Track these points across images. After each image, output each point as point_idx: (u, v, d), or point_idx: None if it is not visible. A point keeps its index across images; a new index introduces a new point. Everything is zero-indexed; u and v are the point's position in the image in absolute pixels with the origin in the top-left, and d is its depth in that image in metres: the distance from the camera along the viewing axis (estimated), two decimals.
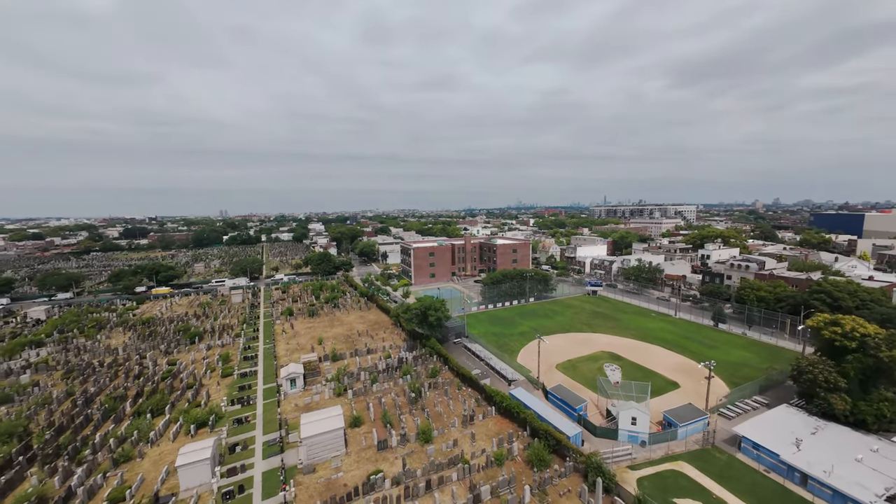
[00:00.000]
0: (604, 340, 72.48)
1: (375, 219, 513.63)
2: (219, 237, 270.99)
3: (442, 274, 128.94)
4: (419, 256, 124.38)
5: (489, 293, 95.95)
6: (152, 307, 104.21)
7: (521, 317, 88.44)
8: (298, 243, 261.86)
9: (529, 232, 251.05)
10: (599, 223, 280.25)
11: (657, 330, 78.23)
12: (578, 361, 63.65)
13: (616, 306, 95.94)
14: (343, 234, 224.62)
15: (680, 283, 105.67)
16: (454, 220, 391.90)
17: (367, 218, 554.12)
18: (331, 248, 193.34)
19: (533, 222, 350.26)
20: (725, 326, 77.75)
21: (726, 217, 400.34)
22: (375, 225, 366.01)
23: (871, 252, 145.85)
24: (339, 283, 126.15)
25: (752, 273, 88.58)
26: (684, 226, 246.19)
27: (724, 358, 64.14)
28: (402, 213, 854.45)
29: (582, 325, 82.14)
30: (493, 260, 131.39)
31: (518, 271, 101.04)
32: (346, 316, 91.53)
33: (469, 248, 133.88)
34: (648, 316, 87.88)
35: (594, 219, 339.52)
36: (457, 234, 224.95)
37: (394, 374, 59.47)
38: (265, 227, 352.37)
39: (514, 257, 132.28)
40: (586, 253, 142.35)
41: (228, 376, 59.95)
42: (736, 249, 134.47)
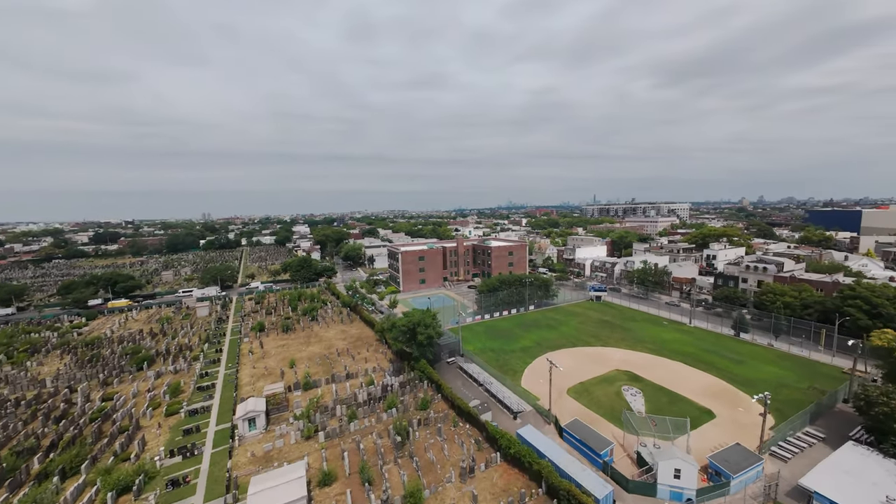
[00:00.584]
0: (617, 356, 63.93)
1: (364, 220, 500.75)
2: (195, 241, 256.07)
3: (433, 279, 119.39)
4: (408, 261, 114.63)
5: (485, 302, 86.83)
6: (104, 323, 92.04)
7: (521, 328, 79.49)
8: (281, 247, 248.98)
9: (523, 232, 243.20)
10: (594, 222, 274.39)
11: (673, 341, 70.16)
12: (592, 384, 54.84)
13: (623, 313, 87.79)
14: (328, 237, 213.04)
15: (689, 287, 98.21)
16: (445, 221, 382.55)
17: (355, 219, 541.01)
18: (314, 251, 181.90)
19: (525, 222, 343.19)
20: (748, 336, 70.09)
21: (717, 215, 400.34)
22: (363, 226, 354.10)
23: (875, 249, 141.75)
24: (319, 291, 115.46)
25: (770, 276, 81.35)
26: (680, 224, 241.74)
27: (755, 376, 56.22)
28: (391, 214, 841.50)
29: (589, 336, 73.58)
30: (488, 263, 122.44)
31: (516, 277, 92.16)
32: (325, 331, 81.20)
33: (462, 251, 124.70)
34: (660, 324, 79.91)
35: (588, 218, 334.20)
36: (448, 236, 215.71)
37: (376, 406, 49.73)
38: (246, 231, 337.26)
39: (509, 260, 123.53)
40: (586, 254, 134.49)
41: (175, 414, 49.34)
42: (742, 249, 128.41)
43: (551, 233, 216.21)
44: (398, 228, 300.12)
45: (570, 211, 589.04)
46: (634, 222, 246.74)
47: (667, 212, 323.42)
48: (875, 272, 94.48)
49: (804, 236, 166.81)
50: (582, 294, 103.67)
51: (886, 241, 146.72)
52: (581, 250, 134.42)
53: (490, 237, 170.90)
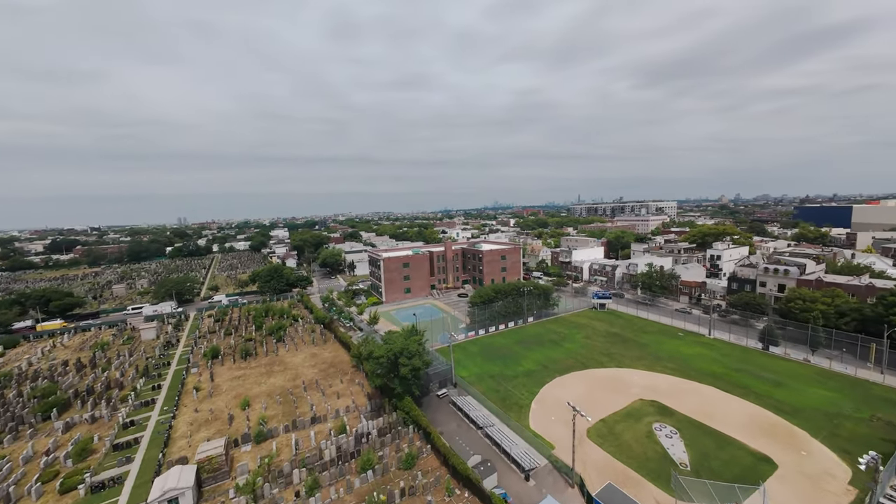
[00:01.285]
0: (637, 380, 54.21)
1: (347, 222, 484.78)
2: (161, 249, 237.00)
3: (419, 288, 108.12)
4: (391, 268, 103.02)
5: (479, 315, 76.22)
6: (27, 351, 77.14)
7: (521, 345, 69.15)
8: (256, 253, 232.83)
9: (513, 233, 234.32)
10: (584, 222, 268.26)
11: (696, 358, 61.10)
12: (616, 421, 44.76)
13: (633, 324, 78.62)
14: (305, 242, 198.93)
15: (699, 292, 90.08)
16: (431, 223, 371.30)
17: (338, 222, 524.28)
18: (290, 258, 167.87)
19: (514, 222, 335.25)
20: (779, 350, 61.60)
21: (702, 213, 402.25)
22: (345, 229, 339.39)
23: (874, 245, 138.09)
24: (291, 304, 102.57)
25: (792, 279, 73.53)
26: (671, 223, 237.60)
27: (802, 402, 47.36)
28: (376, 216, 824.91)
29: (600, 354, 63.82)
30: (479, 269, 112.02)
31: (512, 285, 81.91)
32: (292, 355, 68.95)
33: (450, 256, 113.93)
34: (675, 336, 70.98)
35: (577, 217, 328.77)
36: (434, 239, 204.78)
37: (348, 464, 38.36)
38: (220, 236, 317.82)
39: (502, 265, 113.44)
40: (583, 256, 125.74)
41: (72, 490, 36.67)
42: (745, 248, 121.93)
43: (542, 234, 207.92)
44: (382, 231, 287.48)
45: (556, 210, 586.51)
46: (626, 221, 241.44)
47: (655, 210, 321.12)
48: (890, 272, 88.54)
49: (800, 233, 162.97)
50: (583, 301, 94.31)
51: (884, 237, 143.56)
52: (578, 252, 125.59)
53: (480, 240, 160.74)
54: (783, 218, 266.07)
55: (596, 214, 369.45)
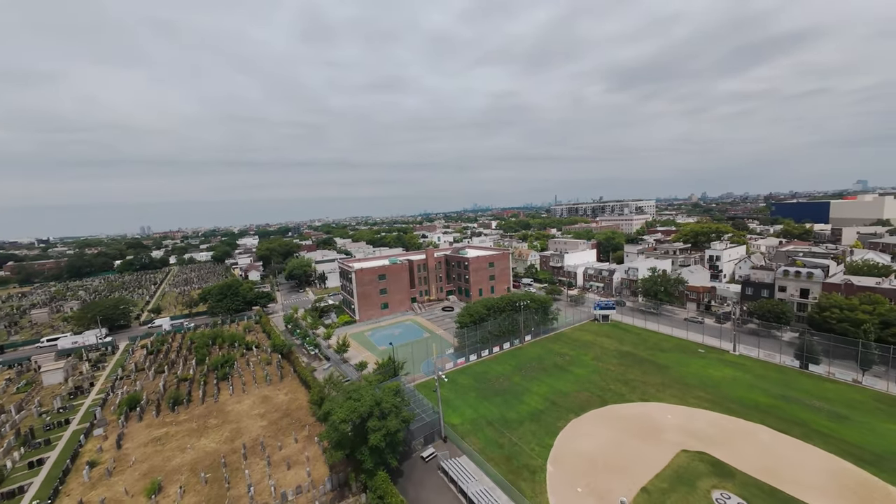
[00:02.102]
0: (672, 420, 43.58)
1: (322, 228, 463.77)
2: (108, 263, 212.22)
3: (398, 302, 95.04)
4: (364, 281, 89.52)
5: (469, 337, 64.11)
6: None
7: (522, 374, 57.57)
8: (218, 265, 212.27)
9: (496, 236, 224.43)
10: (567, 222, 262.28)
11: (729, 383, 51.43)
12: (663, 490, 33.62)
13: (644, 339, 68.75)
14: (273, 251, 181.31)
15: (709, 298, 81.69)
16: (410, 227, 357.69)
17: (313, 228, 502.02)
18: (253, 270, 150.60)
19: (496, 225, 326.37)
20: (821, 369, 52.77)
21: (678, 211, 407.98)
22: (320, 236, 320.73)
23: (860, 240, 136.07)
24: (247, 327, 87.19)
25: (817, 282, 65.65)
26: (654, 221, 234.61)
27: (881, 445, 38.04)
28: (354, 221, 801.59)
29: (618, 382, 53.13)
30: (465, 278, 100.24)
31: (506, 299, 70.45)
32: (237, 400, 54.57)
33: (432, 265, 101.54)
34: (696, 354, 61.47)
35: (559, 218, 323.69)
36: (414, 244, 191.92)
37: None
38: (179, 246, 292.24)
39: (490, 273, 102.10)
40: (576, 261, 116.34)
41: None
42: (742, 247, 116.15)
43: (527, 236, 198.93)
44: (359, 237, 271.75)
45: (535, 211, 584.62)
46: (610, 221, 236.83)
47: (635, 209, 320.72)
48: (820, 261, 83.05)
49: (784, 229, 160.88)
50: (583, 313, 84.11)
51: (868, 232, 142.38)
52: (570, 256, 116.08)
53: (463, 245, 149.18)
54: (759, 214, 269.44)
55: (577, 214, 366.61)
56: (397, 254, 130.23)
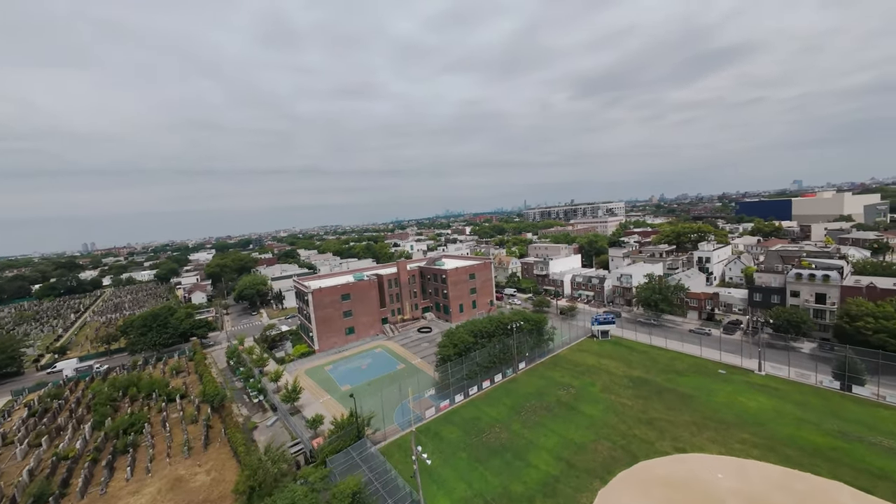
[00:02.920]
0: (722, 480, 33.50)
1: (287, 240, 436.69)
2: (24, 288, 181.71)
3: (366, 326, 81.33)
4: (324, 303, 75.29)
5: (454, 373, 51.90)
6: None
7: (521, 418, 46.13)
8: (162, 285, 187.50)
9: (471, 242, 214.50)
10: (541, 226, 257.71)
11: (770, 416, 42.58)
12: None
13: (654, 359, 59.56)
14: (225, 268, 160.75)
15: (713, 305, 74.52)
16: (382, 235, 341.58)
17: (277, 240, 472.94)
18: (197, 291, 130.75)
19: (470, 230, 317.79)
20: (866, 391, 45.15)
21: (644, 212, 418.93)
22: (283, 248, 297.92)
23: (830, 236, 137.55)
24: (175, 368, 70.29)
25: (835, 286, 59.31)
26: (628, 223, 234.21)
27: None
28: (323, 231, 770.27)
29: (641, 423, 42.91)
30: (443, 293, 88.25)
31: (495, 321, 58.98)
32: (135, 489, 39.13)
33: (405, 279, 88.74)
34: (717, 376, 52.83)
35: (533, 222, 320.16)
36: (385, 254, 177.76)
37: None
38: (118, 265, 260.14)
39: (471, 285, 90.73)
40: (562, 268, 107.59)
41: None
42: (728, 248, 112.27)
43: (504, 241, 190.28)
44: (326, 248, 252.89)
45: (507, 216, 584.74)
46: (585, 224, 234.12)
47: (605, 211, 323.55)
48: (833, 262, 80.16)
49: (756, 227, 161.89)
50: (577, 328, 74.41)
51: (835, 228, 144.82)
52: (556, 263, 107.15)
53: (439, 254, 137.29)
54: (724, 213, 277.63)
55: (550, 218, 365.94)
56: (366, 267, 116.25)
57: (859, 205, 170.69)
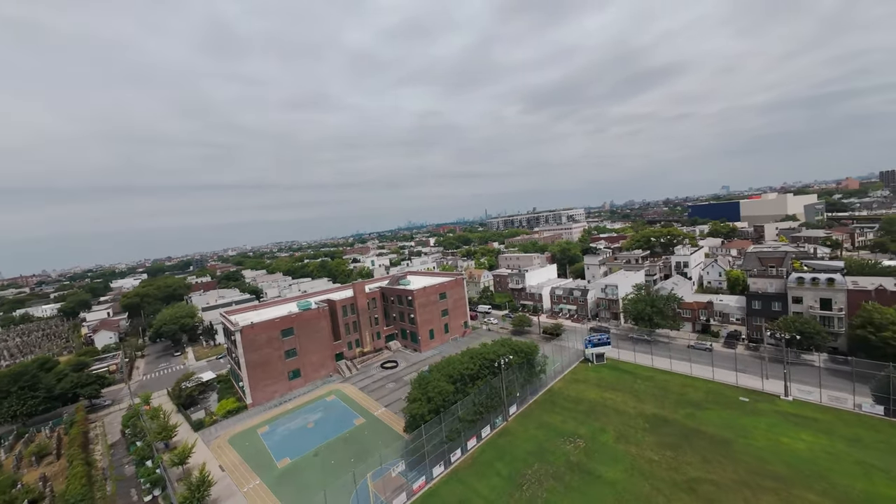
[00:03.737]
0: None
1: (233, 260, 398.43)
2: None
3: (315, 366, 65.93)
4: (258, 342, 59.22)
5: (430, 437, 38.85)
6: None
7: (522, 496, 34.15)
8: (67, 321, 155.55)
9: (437, 254, 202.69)
10: (507, 235, 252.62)
11: (827, 462, 34.30)
12: None
13: (662, 386, 50.61)
14: (146, 297, 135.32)
15: (707, 315, 68.09)
16: (340, 250, 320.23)
17: (223, 260, 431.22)
18: (103, 330, 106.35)
19: (434, 241, 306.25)
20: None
21: (600, 218, 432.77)
22: (227, 268, 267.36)
23: (784, 235, 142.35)
24: (43, 449, 50.51)
25: (840, 290, 54.25)
26: (591, 229, 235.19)
27: None
28: (276, 248, 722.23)
29: (678, 488, 32.76)
30: (410, 317, 75.14)
31: (478, 358, 46.89)
32: None
33: (363, 304, 74.56)
34: (739, 405, 44.69)
35: (498, 231, 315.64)
36: (343, 271, 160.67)
37: None
38: (9, 300, 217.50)
39: (443, 306, 78.49)
40: (539, 279, 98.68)
41: None
42: (701, 251, 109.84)
43: (472, 252, 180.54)
44: (276, 267, 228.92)
45: (470, 225, 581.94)
46: (550, 231, 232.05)
47: (567, 218, 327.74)
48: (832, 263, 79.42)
49: (714, 229, 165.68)
50: (567, 350, 64.52)
51: (786, 227, 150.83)
52: (532, 275, 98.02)
53: (403, 271, 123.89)
54: (675, 217, 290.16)
55: (514, 226, 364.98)
56: (318, 291, 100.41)
57: (800, 205, 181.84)
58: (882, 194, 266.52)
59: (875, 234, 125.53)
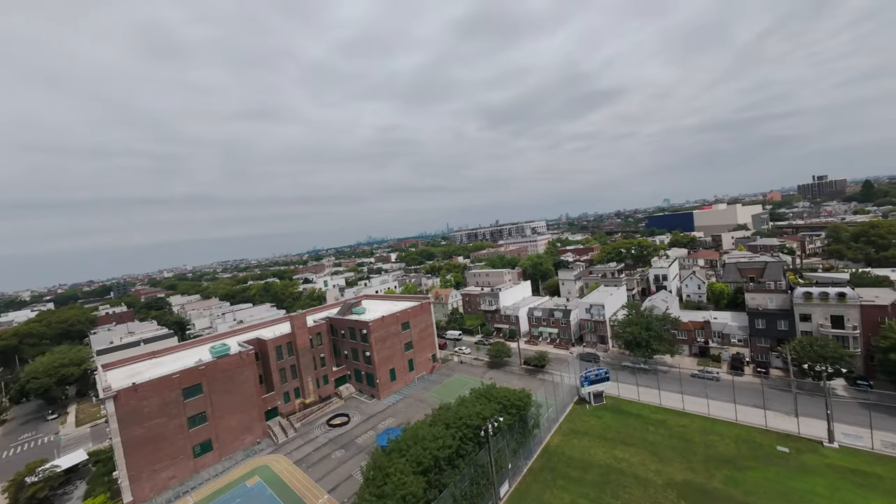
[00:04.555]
0: None
1: (167, 282, 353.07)
2: None
3: (235, 432, 49.22)
4: (143, 414, 42.00)
5: None
6: None
7: None
8: None
9: (399, 271, 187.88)
10: (472, 249, 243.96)
11: None
12: None
13: (683, 436, 40.87)
14: (30, 339, 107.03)
15: (705, 337, 60.79)
16: (291, 269, 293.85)
17: (153, 283, 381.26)
18: None
19: (396, 257, 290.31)
20: None
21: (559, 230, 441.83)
22: (153, 294, 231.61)
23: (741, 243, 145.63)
24: None
25: (853, 305, 48.59)
26: (558, 241, 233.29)
27: None
28: (222, 267, 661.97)
29: None
30: (366, 355, 60.72)
31: (456, 425, 34.05)
32: None
33: (304, 342, 58.97)
34: (783, 460, 35.77)
35: (462, 245, 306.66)
36: (290, 294, 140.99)
37: None
38: None
39: (405, 338, 64.93)
40: (513, 299, 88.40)
41: None
42: (675, 263, 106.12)
43: (437, 268, 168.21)
44: (214, 291, 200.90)
45: (433, 239, 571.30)
46: (515, 243, 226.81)
47: (530, 231, 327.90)
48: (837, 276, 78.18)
49: (675, 239, 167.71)
50: (557, 387, 53.48)
51: (742, 237, 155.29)
52: (506, 294, 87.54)
53: (359, 295, 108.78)
54: (632, 228, 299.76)
55: (477, 239, 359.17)
56: (259, 323, 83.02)
57: (748, 215, 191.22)
58: (804, 205, 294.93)
59: (822, 242, 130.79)
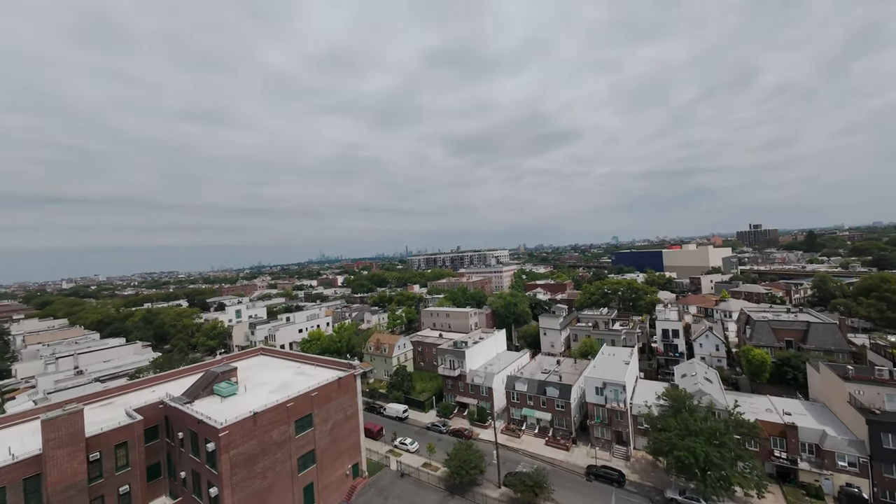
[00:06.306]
0: None
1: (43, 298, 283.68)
2: None
3: None
4: None
5: None
6: None
7: None
8: None
9: (338, 303, 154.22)
10: (431, 276, 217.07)
11: None
12: None
13: None
14: None
15: (792, 455, 38.34)
16: (214, 289, 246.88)
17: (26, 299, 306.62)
18: None
19: (342, 280, 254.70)
20: None
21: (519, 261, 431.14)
22: (10, 314, 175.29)
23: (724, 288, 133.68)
24: None
25: None
26: (520, 271, 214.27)
27: None
28: (141, 280, 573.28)
29: None
30: (211, 491, 30.44)
31: None
32: None
33: (67, 475, 27.84)
34: None
35: (422, 271, 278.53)
36: (185, 327, 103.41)
37: None
38: None
39: (302, 448, 35.73)
40: (484, 358, 62.23)
41: None
42: (674, 311, 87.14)
43: (387, 300, 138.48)
44: (82, 317, 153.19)
45: (389, 262, 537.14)
46: (479, 274, 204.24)
47: (494, 260, 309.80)
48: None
49: (650, 279, 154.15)
50: None
51: (721, 281, 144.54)
52: (473, 352, 61.09)
53: (228, 366, 77.25)
54: (596, 263, 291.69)
55: (437, 265, 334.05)
56: (88, 397, 48.77)
57: (719, 257, 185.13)
58: (745, 250, 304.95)
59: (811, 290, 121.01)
